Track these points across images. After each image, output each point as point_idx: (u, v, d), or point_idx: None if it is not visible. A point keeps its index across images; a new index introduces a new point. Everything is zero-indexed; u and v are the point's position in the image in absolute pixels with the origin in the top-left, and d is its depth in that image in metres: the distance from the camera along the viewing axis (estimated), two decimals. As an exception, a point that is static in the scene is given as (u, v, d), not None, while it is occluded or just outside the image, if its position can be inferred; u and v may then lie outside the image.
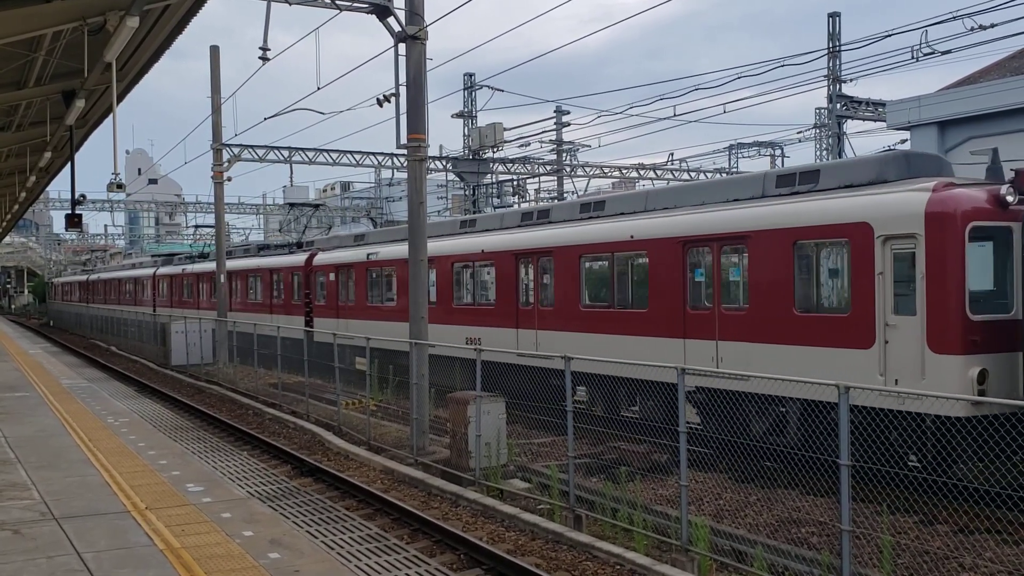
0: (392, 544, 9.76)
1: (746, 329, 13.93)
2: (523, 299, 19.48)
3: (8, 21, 11.13)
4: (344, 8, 16.41)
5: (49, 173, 27.70)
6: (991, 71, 26.09)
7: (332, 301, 27.35)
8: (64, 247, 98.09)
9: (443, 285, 21.74)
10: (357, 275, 25.94)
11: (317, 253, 29.28)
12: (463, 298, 21.82)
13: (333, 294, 27.33)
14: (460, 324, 20.94)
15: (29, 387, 22.32)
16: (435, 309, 20.45)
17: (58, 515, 9.73)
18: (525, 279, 19.64)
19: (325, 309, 27.92)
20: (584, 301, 17.73)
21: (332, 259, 27.78)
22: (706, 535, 9.33)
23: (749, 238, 13.95)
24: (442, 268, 21.69)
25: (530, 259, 19.24)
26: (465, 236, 21.85)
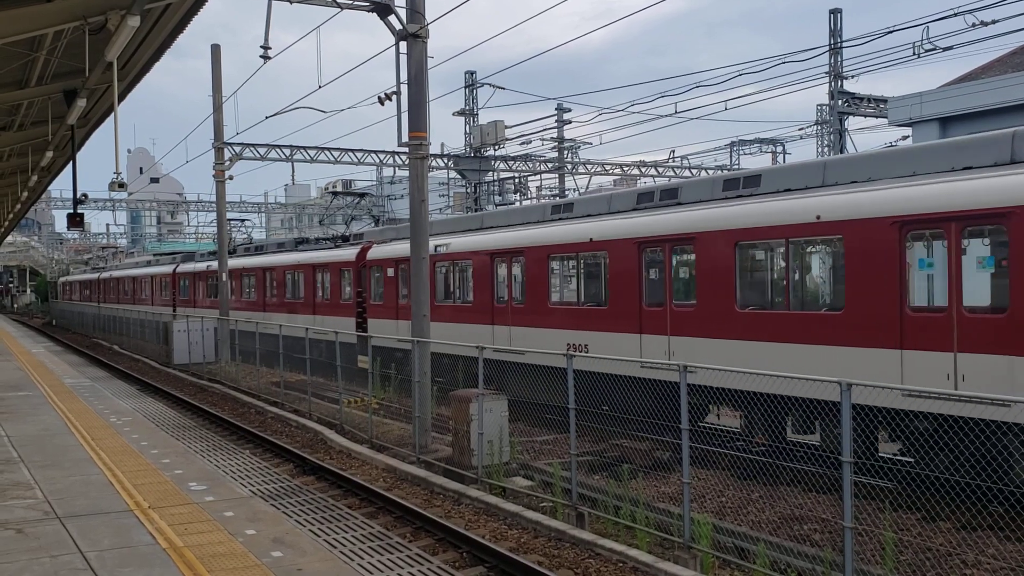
0: (394, 542, 9.77)
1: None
2: (651, 297, 15.75)
3: (9, 20, 11.14)
4: (345, 6, 16.41)
5: (51, 172, 27.73)
6: (993, 67, 26.06)
7: (391, 300, 24.17)
8: (66, 246, 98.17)
9: (535, 280, 18.61)
10: (397, 274, 23.48)
11: (371, 246, 26.05)
12: (563, 296, 19.01)
13: (392, 292, 24.09)
14: (559, 327, 17.74)
15: (32, 386, 22.35)
16: (522, 309, 18.84)
17: (61, 514, 9.75)
18: (653, 273, 16.01)
19: (382, 309, 24.77)
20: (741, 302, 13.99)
21: (391, 252, 24.36)
22: (709, 532, 9.33)
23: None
24: (534, 260, 18.68)
25: (660, 248, 15.57)
26: (562, 223, 18.52)
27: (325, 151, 36.81)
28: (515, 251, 19.20)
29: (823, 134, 38.56)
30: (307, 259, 30.04)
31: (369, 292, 25.69)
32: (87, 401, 19.48)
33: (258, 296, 33.53)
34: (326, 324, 25.62)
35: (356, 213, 42.36)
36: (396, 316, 23.59)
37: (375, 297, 25.45)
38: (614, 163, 44.83)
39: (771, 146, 47.27)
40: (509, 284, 19.67)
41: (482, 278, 20.18)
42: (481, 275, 20.25)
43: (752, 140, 47.40)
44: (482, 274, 20.21)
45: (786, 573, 8.82)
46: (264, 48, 18.80)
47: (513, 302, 19.31)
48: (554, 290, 18.72)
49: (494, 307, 19.72)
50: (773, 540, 9.70)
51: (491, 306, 19.82)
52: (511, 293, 19.49)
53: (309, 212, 77.80)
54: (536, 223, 19.41)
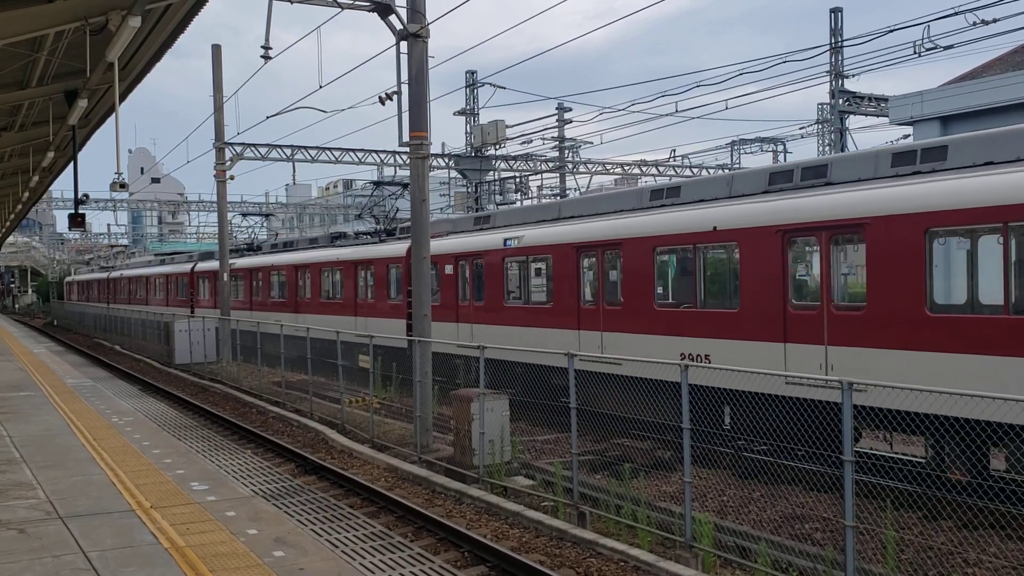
0: (396, 542, 9.78)
1: None
2: (800, 297, 13.21)
3: (10, 21, 11.15)
4: (346, 6, 16.41)
5: (52, 173, 27.76)
6: (994, 66, 26.05)
7: (449, 299, 21.63)
8: (67, 247, 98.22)
9: (635, 278, 15.86)
10: (490, 267, 20.23)
11: (436, 239, 22.73)
12: (675, 296, 16.02)
13: (451, 291, 21.58)
14: (668, 334, 14.93)
15: (34, 386, 22.37)
16: (618, 312, 16.12)
17: (63, 514, 9.76)
18: (801, 269, 13.73)
19: (438, 310, 21.55)
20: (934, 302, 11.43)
21: (450, 247, 21.77)
22: (710, 531, 9.34)
23: None
24: (635, 254, 15.82)
25: (813, 237, 12.72)
26: (668, 210, 15.62)
27: (326, 151, 36.83)
28: (608, 244, 16.51)
29: (824, 133, 38.57)
30: (347, 255, 27.19)
31: None
32: (89, 401, 19.49)
33: (289, 296, 30.86)
34: (370, 327, 23.34)
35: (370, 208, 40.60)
36: (456, 319, 21.09)
37: (435, 297, 22.77)
38: (615, 162, 44.85)
39: (772, 145, 47.28)
40: (600, 282, 16.79)
41: (565, 276, 17.55)
42: (563, 272, 17.60)
43: (753, 139, 47.41)
44: (565, 271, 17.55)
45: (788, 572, 8.83)
46: (265, 48, 18.81)
47: (605, 303, 16.56)
48: (662, 289, 15.90)
49: (580, 309, 17.08)
50: (774, 539, 9.70)
51: (576, 308, 17.18)
52: (602, 293, 16.70)
53: (310, 212, 77.79)
54: (632, 211, 16.59)
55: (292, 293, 30.47)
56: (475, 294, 20.74)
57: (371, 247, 26.40)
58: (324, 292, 28.55)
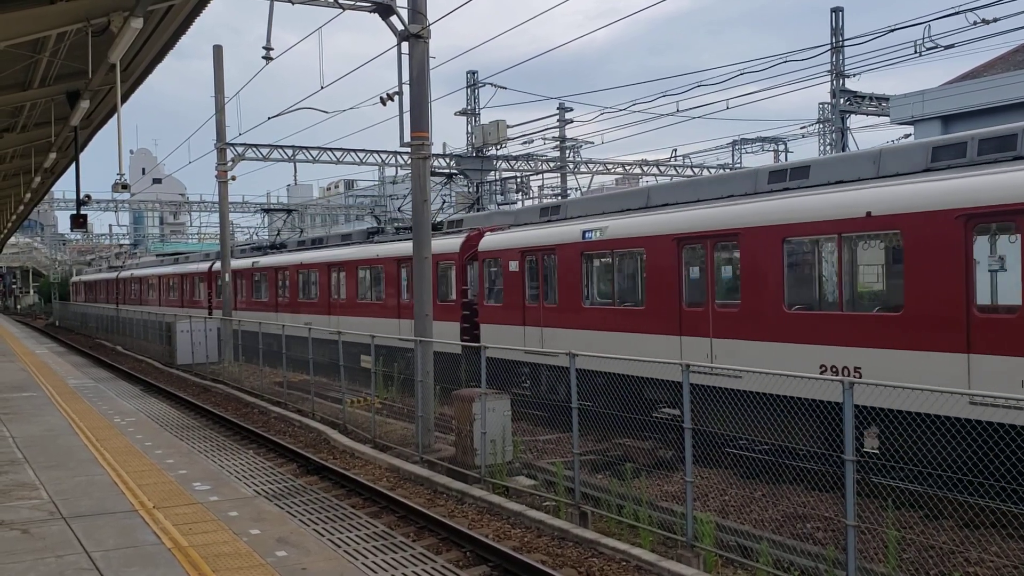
0: (398, 542, 9.79)
1: None
2: (990, 296, 11.22)
3: (12, 22, 11.17)
4: (347, 7, 16.44)
5: (54, 174, 27.79)
6: (995, 65, 26.05)
7: (514, 300, 19.32)
8: (69, 247, 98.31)
9: (758, 275, 13.47)
10: (565, 263, 17.74)
11: (482, 234, 21.10)
12: (814, 296, 13.30)
13: (516, 291, 19.27)
14: (802, 341, 12.67)
15: (36, 387, 22.40)
16: (733, 315, 13.82)
17: (66, 514, 9.78)
18: (992, 263, 11.26)
19: (502, 312, 19.70)
20: None
21: (512, 241, 19.49)
22: (711, 531, 9.36)
23: None
24: (757, 246, 13.52)
25: (1013, 222, 10.53)
26: (797, 194, 13.29)
27: (327, 151, 36.87)
28: (719, 234, 14.21)
29: (825, 132, 38.58)
30: (388, 252, 24.87)
31: (481, 291, 20.79)
32: (91, 402, 19.52)
33: (321, 297, 28.72)
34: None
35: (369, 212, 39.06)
36: (523, 322, 18.89)
37: (490, 297, 20.46)
38: (616, 162, 44.87)
39: (773, 144, 47.30)
40: (709, 280, 14.46)
41: (662, 272, 15.21)
42: (660, 268, 15.25)
43: (754, 139, 47.43)
44: (662, 267, 15.20)
45: (789, 571, 8.84)
46: (266, 49, 18.85)
47: (716, 305, 14.24)
48: (794, 288, 13.32)
49: (682, 311, 14.76)
50: (776, 538, 9.72)
51: (677, 310, 14.84)
52: (711, 292, 14.41)
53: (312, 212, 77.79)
54: (748, 196, 14.33)
55: (324, 293, 28.41)
56: (546, 294, 18.41)
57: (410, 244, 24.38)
58: (361, 292, 26.42)
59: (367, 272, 26.24)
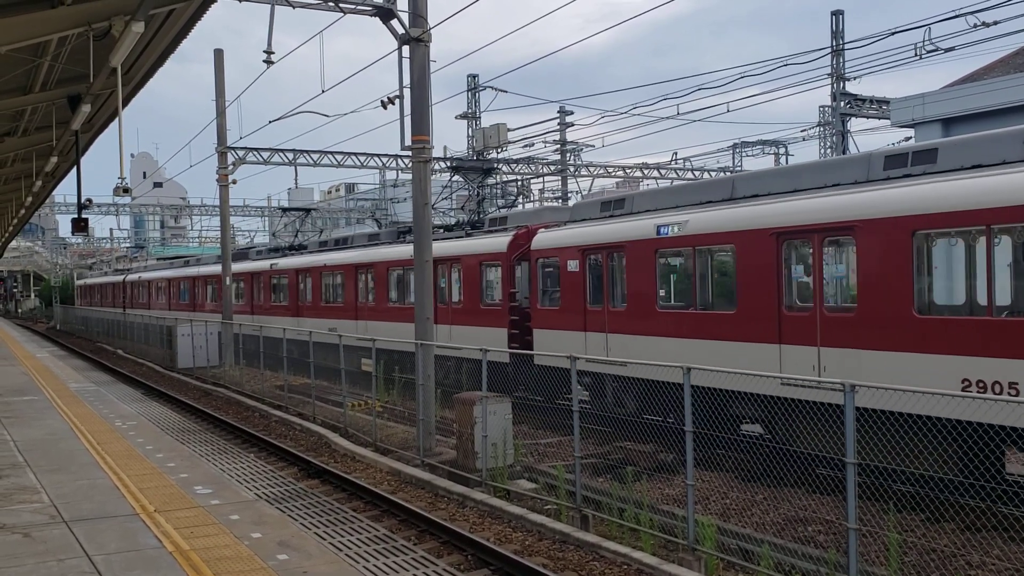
0: (400, 545, 9.79)
1: None
2: None
3: (14, 26, 11.18)
4: (348, 11, 16.47)
5: (55, 177, 27.79)
6: (996, 68, 26.07)
7: (573, 303, 17.59)
8: (70, 251, 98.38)
9: (883, 274, 11.74)
10: (635, 262, 16.05)
11: (534, 231, 19.48)
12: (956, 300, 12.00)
13: (575, 293, 17.54)
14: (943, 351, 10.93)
15: (37, 391, 22.41)
16: (850, 320, 12.17)
17: (68, 518, 9.79)
18: None
19: (559, 316, 18.00)
20: None
21: (570, 239, 17.90)
22: (713, 534, 9.35)
23: None
24: (878, 243, 11.80)
25: None
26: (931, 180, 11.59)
27: (328, 155, 36.92)
28: (830, 228, 12.41)
29: (826, 135, 38.60)
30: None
31: (534, 293, 18.99)
32: (92, 405, 19.53)
33: (347, 300, 27.04)
34: (462, 337, 20.14)
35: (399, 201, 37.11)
36: (584, 327, 17.22)
37: (545, 300, 18.73)
38: (617, 165, 44.90)
39: (773, 148, 47.35)
40: (816, 280, 12.66)
41: (757, 272, 13.51)
42: (755, 267, 13.57)
43: (755, 142, 47.48)
44: (756, 266, 13.53)
45: (791, 574, 8.84)
46: (267, 52, 18.88)
47: (825, 309, 12.45)
48: (928, 289, 11.66)
49: (783, 316, 12.99)
50: (777, 542, 9.71)
51: (776, 314, 13.06)
52: (819, 294, 12.58)
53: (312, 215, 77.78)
54: (860, 184, 12.57)
55: (351, 297, 26.61)
56: (612, 296, 16.76)
57: (454, 243, 22.34)
58: (394, 296, 24.60)
59: (399, 274, 24.36)
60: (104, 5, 11.23)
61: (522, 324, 19.36)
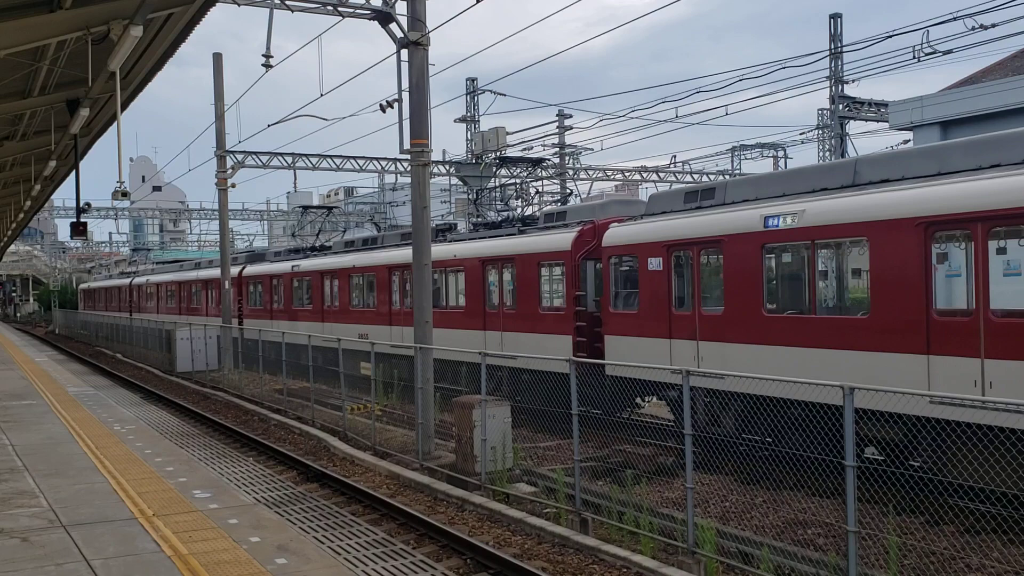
0: (398, 549, 9.78)
1: None
2: None
3: (12, 31, 11.19)
4: (347, 15, 16.50)
5: (54, 182, 27.78)
6: (994, 71, 26.11)
7: (656, 306, 15.59)
8: (69, 255, 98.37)
9: None
10: (735, 260, 14.04)
11: (607, 227, 17.43)
12: None
13: (660, 295, 15.56)
14: None
15: (36, 395, 22.38)
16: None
17: (66, 522, 9.77)
18: None
19: (637, 321, 16.06)
20: None
21: (660, 233, 15.76)
22: (712, 537, 9.35)
23: None
24: None
25: None
26: None
27: (327, 158, 36.94)
28: (999, 216, 10.59)
29: (824, 139, 38.63)
30: (470, 252, 21.25)
31: (606, 295, 17.01)
32: (91, 410, 19.50)
33: (380, 305, 24.87)
34: (516, 345, 18.49)
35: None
36: (669, 334, 15.27)
37: (619, 303, 16.78)
38: (615, 168, 44.91)
39: (772, 151, 47.40)
40: (980, 278, 10.71)
41: (895, 270, 11.68)
42: (892, 265, 11.71)
43: (754, 145, 47.51)
44: (895, 263, 11.67)
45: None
46: (266, 56, 18.90)
47: (992, 313, 10.62)
48: None
49: (932, 321, 11.19)
50: (777, 545, 9.71)
51: (924, 319, 11.24)
52: (982, 295, 10.68)
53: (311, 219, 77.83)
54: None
55: (385, 301, 24.69)
56: (704, 298, 14.80)
57: (505, 241, 20.37)
58: (441, 299, 22.78)
59: (442, 276, 22.49)
60: (102, 9, 11.23)
61: (589, 331, 17.58)
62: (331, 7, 16.69)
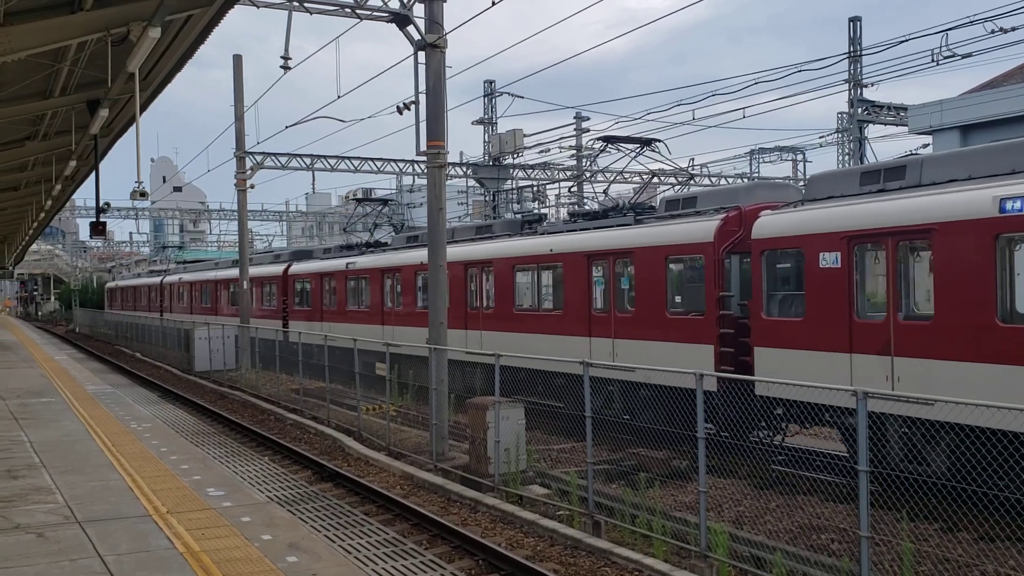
0: (410, 549, 9.80)
1: None
2: None
3: (34, 32, 11.31)
4: (365, 17, 16.57)
5: (74, 181, 28.01)
6: (1014, 75, 25.88)
7: (832, 311, 12.69)
8: (90, 254, 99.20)
9: None
10: (952, 253, 11.29)
11: (757, 214, 14.43)
12: None
13: (836, 297, 12.61)
14: None
15: (54, 392, 22.58)
16: None
17: (81, 519, 9.85)
18: None
19: (803, 330, 13.10)
20: None
21: (834, 221, 12.80)
22: (725, 541, 9.30)
23: None
24: None
25: None
26: None
27: (345, 160, 37.09)
28: None
29: (843, 142, 38.40)
30: (569, 246, 18.35)
31: (757, 297, 14.03)
32: (108, 407, 19.65)
33: (455, 304, 21.10)
34: (636, 355, 15.69)
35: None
36: (849, 346, 12.36)
37: (775, 308, 13.89)
38: (633, 171, 44.79)
39: (791, 154, 47.18)
40: None
41: None
42: None
43: (772, 148, 47.30)
44: None
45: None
46: (284, 58, 19.00)
47: None
48: None
49: None
50: (790, 549, 9.64)
51: None
52: None
53: (330, 220, 78.20)
54: None
55: (460, 302, 21.62)
56: (900, 303, 11.98)
57: (619, 233, 17.33)
58: (522, 301, 20.37)
59: (532, 274, 19.96)
60: (122, 11, 11.33)
61: (736, 340, 14.60)
62: (349, 9, 16.77)
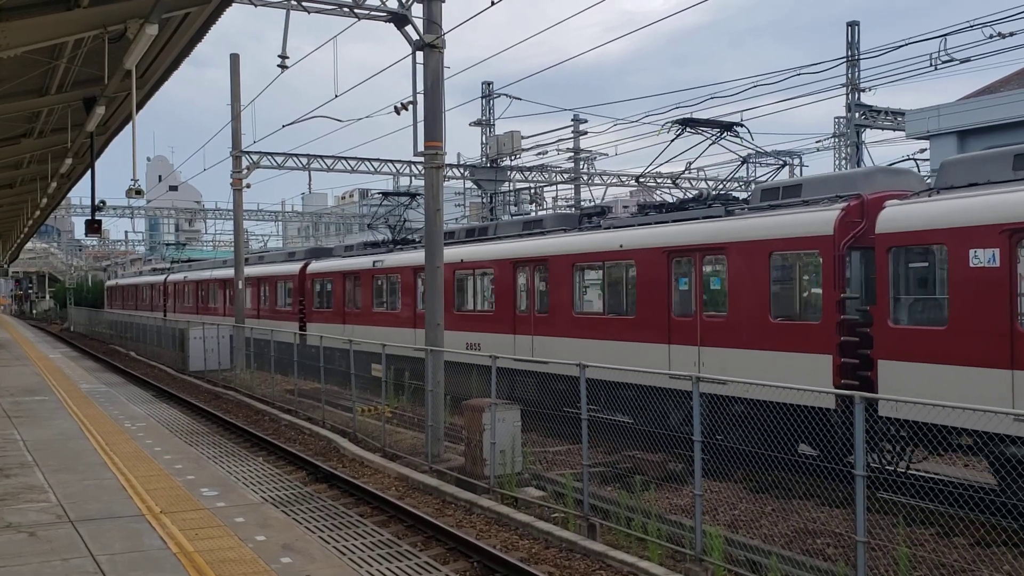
0: (404, 550, 9.76)
1: None
2: None
3: (31, 28, 11.25)
4: (363, 16, 16.52)
5: (70, 179, 27.94)
6: (1012, 80, 25.93)
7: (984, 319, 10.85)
8: (85, 253, 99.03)
9: None
10: None
11: (883, 203, 12.49)
12: None
13: (993, 303, 10.81)
14: None
15: (48, 391, 22.50)
16: None
17: (74, 518, 9.80)
18: None
19: (946, 341, 11.24)
20: None
21: (987, 212, 10.92)
22: (721, 545, 9.28)
23: None
24: None
25: None
26: None
27: (342, 160, 37.01)
28: None
29: (840, 147, 38.43)
30: (651, 239, 16.18)
31: (884, 302, 12.14)
32: (102, 406, 19.59)
33: (501, 307, 20.19)
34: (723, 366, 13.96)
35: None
36: (1011, 362, 10.48)
37: (905, 314, 12.10)
38: (629, 174, 44.82)
39: (788, 158, 47.17)
40: None
41: None
42: None
43: (769, 152, 47.29)
44: None
45: (798, 587, 8.75)
46: (281, 57, 18.95)
47: None
48: None
49: None
50: (786, 554, 9.62)
51: None
52: None
53: (326, 220, 78.15)
54: None
55: (505, 305, 19.91)
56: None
57: (707, 225, 15.20)
58: (579, 303, 18.32)
59: (596, 272, 18.06)
60: (119, 8, 11.29)
61: (856, 351, 12.62)
62: (347, 8, 16.72)
